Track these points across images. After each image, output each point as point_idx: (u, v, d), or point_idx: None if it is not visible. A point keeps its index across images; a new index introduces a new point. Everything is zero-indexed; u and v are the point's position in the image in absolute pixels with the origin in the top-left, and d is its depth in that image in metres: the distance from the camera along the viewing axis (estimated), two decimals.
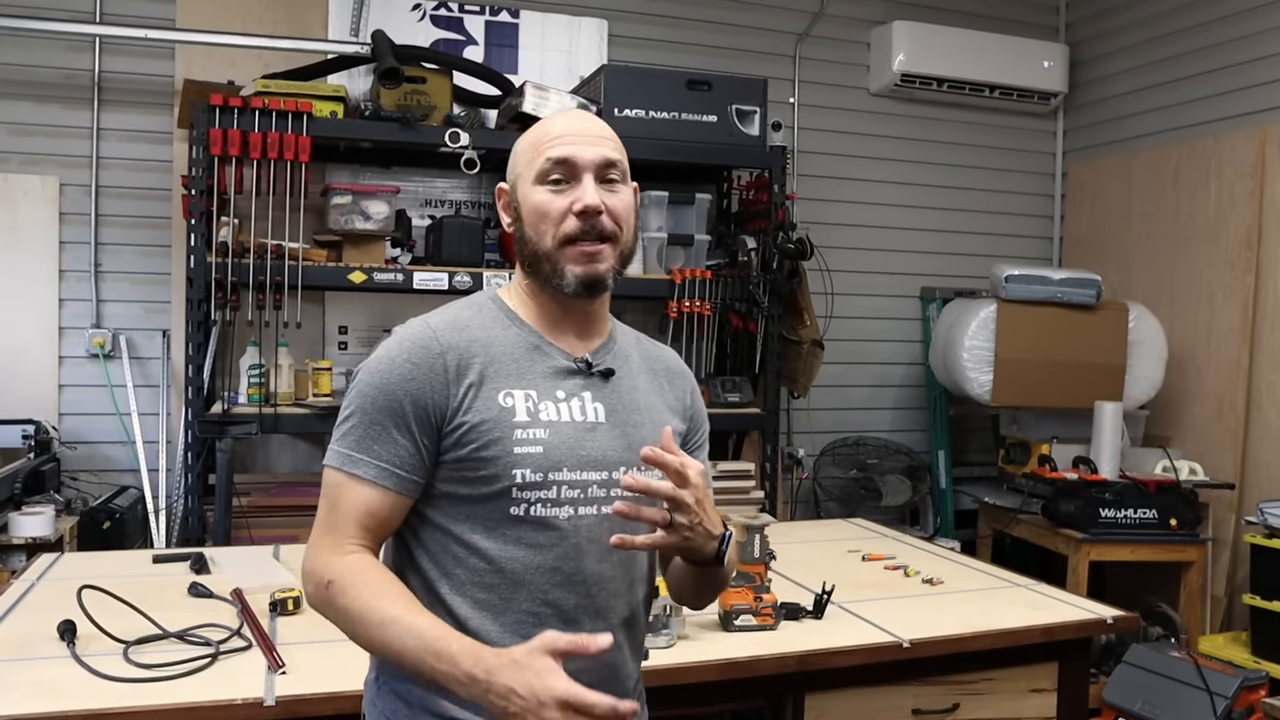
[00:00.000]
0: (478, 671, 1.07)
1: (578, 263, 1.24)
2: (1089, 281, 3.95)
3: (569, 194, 1.24)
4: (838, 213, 4.45)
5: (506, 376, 1.24)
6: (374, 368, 1.23)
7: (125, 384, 3.54)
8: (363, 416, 1.21)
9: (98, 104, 3.56)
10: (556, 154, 1.24)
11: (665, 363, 1.42)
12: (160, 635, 1.83)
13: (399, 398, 1.20)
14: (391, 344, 1.24)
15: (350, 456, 1.21)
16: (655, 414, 1.34)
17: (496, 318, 1.28)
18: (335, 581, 1.17)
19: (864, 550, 2.74)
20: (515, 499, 1.21)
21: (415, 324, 1.26)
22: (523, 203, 1.27)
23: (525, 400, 1.23)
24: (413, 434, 1.20)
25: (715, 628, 2.03)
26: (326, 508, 1.22)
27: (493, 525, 1.21)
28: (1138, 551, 3.53)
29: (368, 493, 1.20)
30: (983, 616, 2.16)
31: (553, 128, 1.27)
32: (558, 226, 1.24)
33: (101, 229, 3.58)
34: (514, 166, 1.30)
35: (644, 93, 3.48)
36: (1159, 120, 4.34)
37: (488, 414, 1.21)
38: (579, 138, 1.26)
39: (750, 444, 3.81)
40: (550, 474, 1.22)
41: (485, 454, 1.20)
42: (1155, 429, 4.16)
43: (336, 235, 3.29)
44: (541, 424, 1.22)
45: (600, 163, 1.25)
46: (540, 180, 1.25)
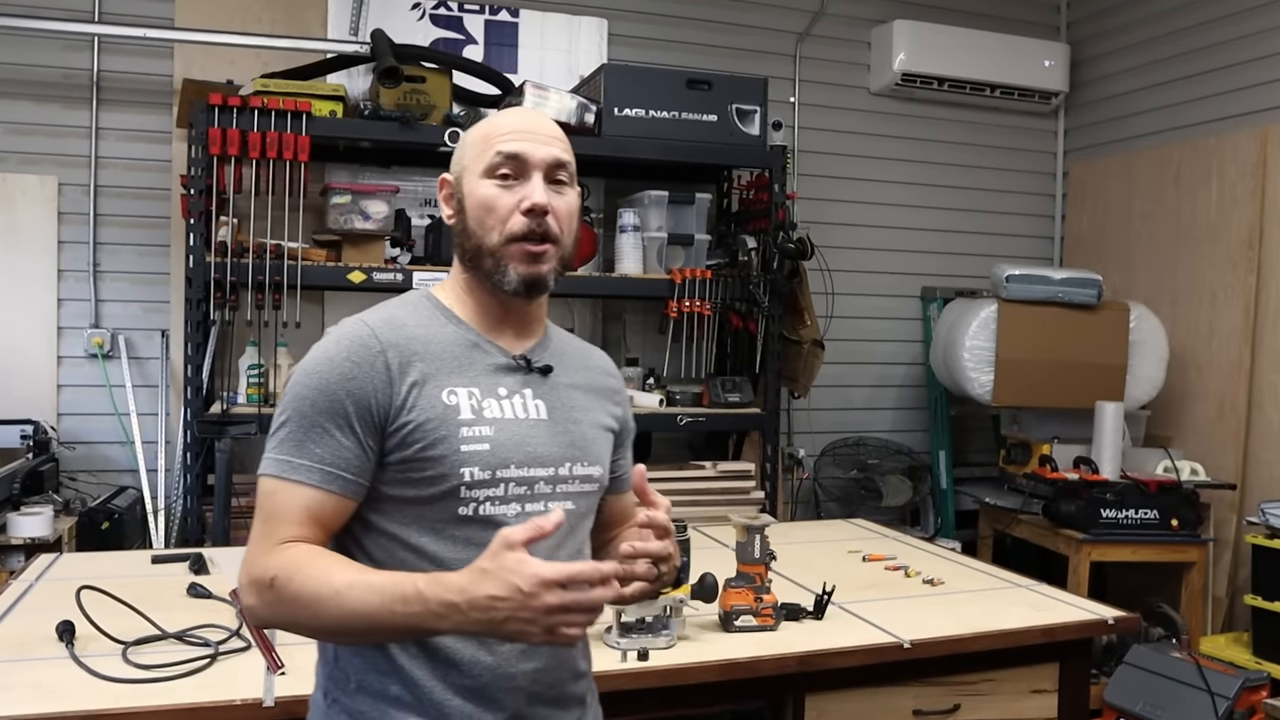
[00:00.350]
0: (450, 597, 1.04)
1: (522, 262, 1.23)
2: (1090, 281, 3.95)
3: (517, 191, 1.23)
4: (838, 212, 4.45)
5: (448, 374, 1.21)
6: (310, 369, 1.18)
7: (124, 384, 3.54)
8: (301, 420, 1.16)
9: (96, 103, 3.56)
10: (508, 148, 1.23)
11: (597, 363, 1.41)
12: (159, 636, 1.83)
13: (339, 398, 1.16)
14: (327, 344, 1.20)
15: (289, 463, 1.16)
16: (591, 413, 1.34)
17: (433, 315, 1.26)
18: (277, 575, 1.11)
19: (864, 551, 2.74)
20: (463, 498, 1.18)
21: (350, 323, 1.22)
22: (468, 195, 1.25)
23: (469, 398, 1.21)
24: (356, 434, 1.16)
25: (715, 628, 2.03)
26: (262, 519, 1.17)
27: (440, 527, 1.19)
28: (1139, 552, 3.53)
29: (309, 496, 1.15)
30: (984, 617, 2.16)
31: (504, 123, 1.26)
32: (504, 223, 1.22)
33: (100, 229, 3.58)
34: (460, 158, 1.28)
35: (644, 92, 3.48)
36: (1160, 119, 4.34)
37: (432, 412, 1.18)
38: (531, 135, 1.24)
39: (750, 444, 3.81)
40: (498, 471, 1.20)
41: (431, 453, 1.17)
42: (1156, 429, 4.16)
43: (336, 235, 3.29)
44: (486, 421, 1.21)
45: (551, 162, 1.24)
46: (489, 174, 1.23)
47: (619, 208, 3.67)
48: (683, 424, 3.53)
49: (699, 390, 3.67)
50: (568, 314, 3.99)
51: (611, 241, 3.69)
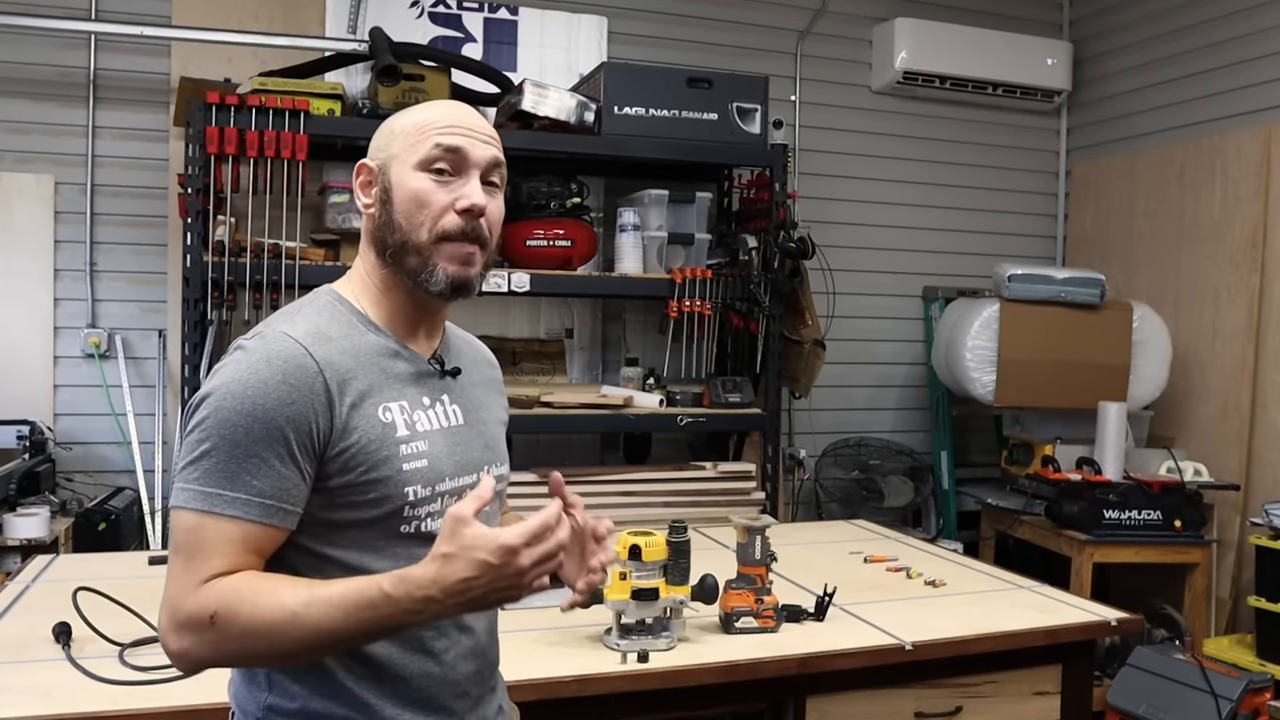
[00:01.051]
0: (423, 591, 1.01)
1: (452, 262, 1.18)
2: (1093, 281, 3.95)
3: (453, 188, 1.18)
4: (839, 211, 4.45)
5: (379, 390, 1.17)
6: (239, 392, 1.08)
7: (121, 384, 3.54)
8: (232, 449, 1.07)
9: (93, 102, 3.56)
10: (448, 141, 1.17)
11: (484, 356, 1.42)
12: (156, 638, 1.81)
13: (279, 424, 1.07)
14: (254, 363, 1.10)
15: (219, 496, 1.06)
16: (493, 410, 1.36)
17: (351, 323, 1.20)
18: (218, 611, 1.04)
19: (866, 552, 2.74)
20: (406, 517, 1.15)
21: (275, 339, 1.12)
22: (396, 186, 1.18)
23: (401, 413, 1.17)
24: (296, 463, 1.09)
25: (716, 630, 2.03)
26: (184, 557, 1.07)
27: (382, 546, 1.15)
28: (1142, 553, 3.53)
29: (243, 531, 1.07)
30: (986, 619, 2.16)
31: (439, 115, 1.20)
32: (436, 220, 1.17)
33: (97, 228, 3.58)
34: (387, 145, 1.21)
35: (644, 90, 3.48)
36: (1163, 118, 4.34)
37: (372, 434, 1.14)
38: (470, 131, 1.19)
39: (751, 445, 3.81)
40: (436, 485, 1.18)
41: (374, 475, 1.13)
42: (1160, 430, 4.16)
43: (334, 234, 3.29)
44: (420, 435, 1.18)
45: (489, 161, 1.20)
46: (424, 166, 1.18)
47: (619, 207, 3.67)
48: (683, 424, 3.53)
49: (699, 390, 3.67)
50: (567, 313, 3.99)
51: (611, 241, 3.69)
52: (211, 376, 1.12)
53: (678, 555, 1.95)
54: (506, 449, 1.36)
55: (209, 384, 1.11)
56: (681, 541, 1.96)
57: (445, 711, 1.20)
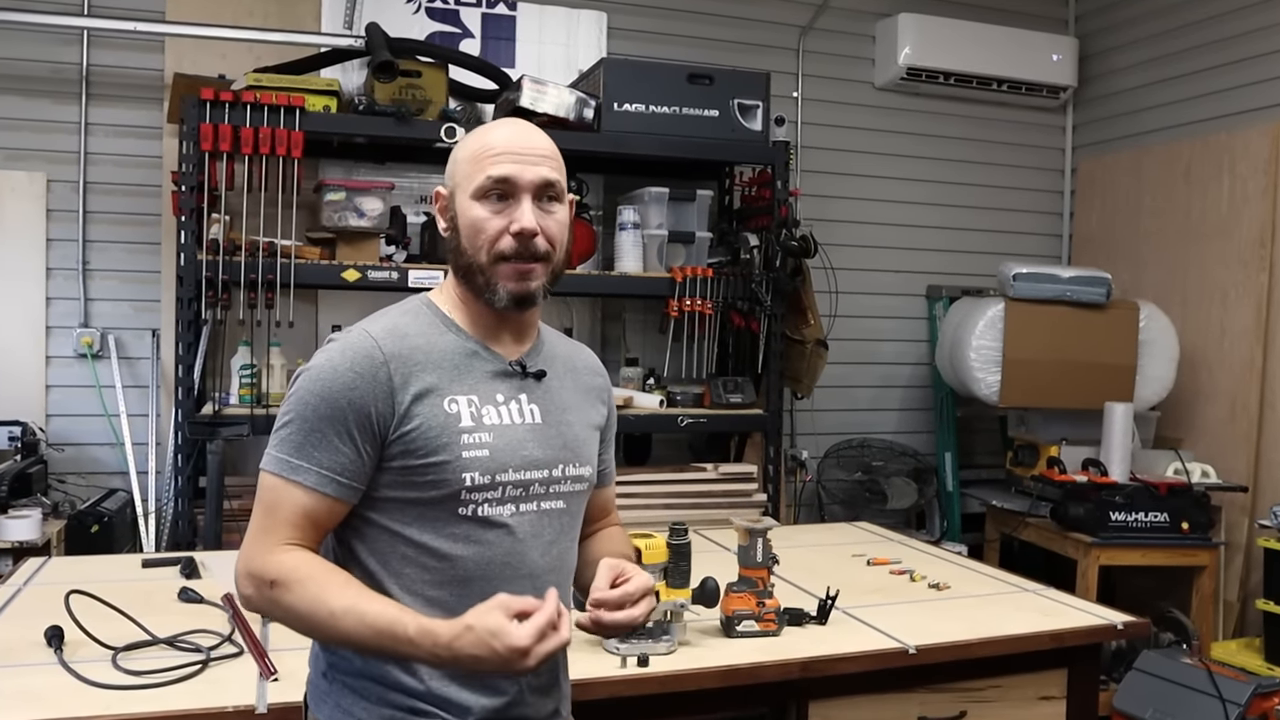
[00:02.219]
0: (439, 650, 1.15)
1: (510, 279, 1.31)
2: (1099, 280, 3.95)
3: (506, 213, 1.30)
4: (842, 209, 4.45)
5: (449, 383, 1.30)
6: (315, 375, 1.26)
7: (114, 384, 3.54)
8: (303, 423, 1.25)
9: (86, 98, 3.56)
10: (497, 173, 1.30)
11: (585, 362, 1.51)
12: (149, 641, 1.83)
13: (341, 406, 1.24)
14: (333, 351, 1.28)
15: (290, 462, 1.25)
16: (582, 412, 1.44)
17: (433, 324, 1.34)
18: (279, 580, 1.21)
19: (869, 554, 2.74)
20: (464, 500, 1.28)
21: (356, 332, 1.30)
22: (460, 214, 1.33)
23: (468, 405, 1.30)
24: (355, 442, 1.25)
25: (717, 633, 2.03)
26: (263, 512, 1.26)
27: (440, 525, 1.28)
28: (1149, 556, 3.53)
29: (307, 498, 1.25)
30: (990, 622, 2.16)
31: (494, 141, 1.32)
32: (493, 244, 1.30)
33: (90, 226, 3.58)
34: (453, 175, 1.36)
35: (644, 87, 3.48)
36: (1170, 115, 4.34)
37: (434, 421, 1.27)
38: (520, 156, 1.31)
39: (752, 446, 3.81)
40: (497, 475, 1.29)
41: (434, 459, 1.26)
42: (1167, 430, 4.16)
43: (330, 232, 3.29)
44: (485, 428, 1.30)
45: (539, 184, 1.31)
46: (479, 196, 1.31)
47: (618, 205, 3.67)
48: (683, 425, 3.53)
49: (700, 391, 3.67)
50: (566, 313, 3.99)
51: (611, 239, 3.69)
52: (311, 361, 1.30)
53: (678, 558, 1.95)
54: (593, 451, 1.45)
55: (304, 367, 1.29)
56: (682, 544, 1.96)
57: (495, 690, 1.30)
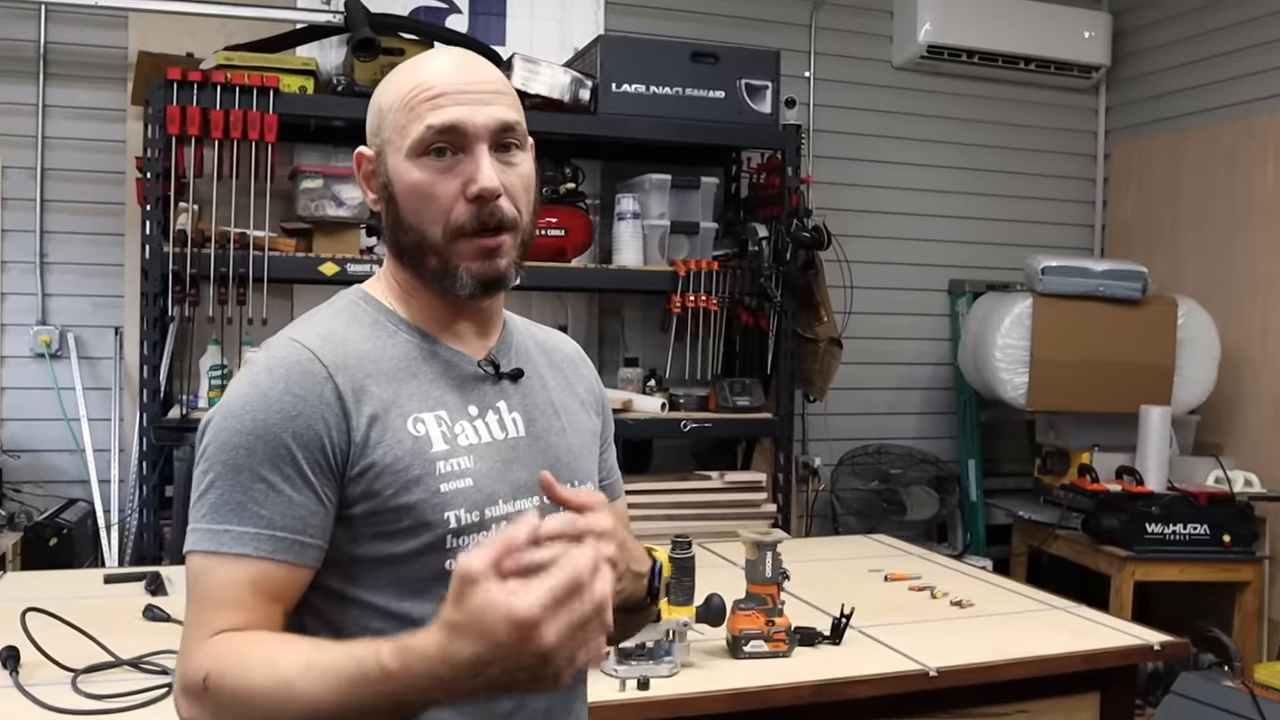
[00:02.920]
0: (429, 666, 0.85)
1: (474, 259, 1.08)
2: (1134, 273, 3.95)
3: (458, 171, 1.07)
4: (857, 198, 4.45)
5: (409, 397, 1.08)
6: (237, 409, 1.02)
7: (74, 386, 3.54)
8: (235, 475, 1.01)
9: (43, 78, 3.56)
10: (440, 120, 1.06)
11: (564, 351, 1.30)
12: (112, 663, 1.83)
13: (282, 440, 1.01)
14: (255, 374, 1.05)
15: (225, 532, 1.00)
16: (572, 415, 1.23)
17: (376, 323, 1.13)
18: (210, 674, 0.96)
19: (886, 569, 2.74)
20: (449, 549, 1.05)
21: (279, 344, 1.08)
22: (395, 179, 1.09)
23: (438, 424, 1.08)
24: (310, 483, 1.01)
25: (723, 654, 2.03)
26: (193, 609, 1.01)
27: (423, 587, 1.04)
28: (1187, 570, 3.53)
29: (254, 570, 1.00)
30: (1017, 642, 2.16)
31: (429, 77, 1.08)
32: (447, 214, 1.07)
33: (47, 216, 3.58)
34: (378, 128, 1.11)
35: (644, 66, 3.48)
36: (1211, 96, 4.34)
37: (400, 449, 1.05)
38: (466, 94, 1.07)
39: (761, 452, 3.81)
40: (486, 510, 1.08)
41: (406, 500, 1.04)
42: (1207, 436, 4.16)
43: (306, 223, 3.29)
44: (462, 450, 1.08)
45: (496, 127, 1.08)
46: (418, 152, 1.07)
47: (617, 193, 3.67)
48: (687, 430, 3.53)
49: (705, 393, 3.67)
50: (561, 309, 3.99)
51: (608, 230, 3.69)
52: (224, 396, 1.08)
53: (681, 573, 1.95)
54: (593, 463, 1.25)
55: (216, 406, 1.07)
56: (685, 558, 1.96)
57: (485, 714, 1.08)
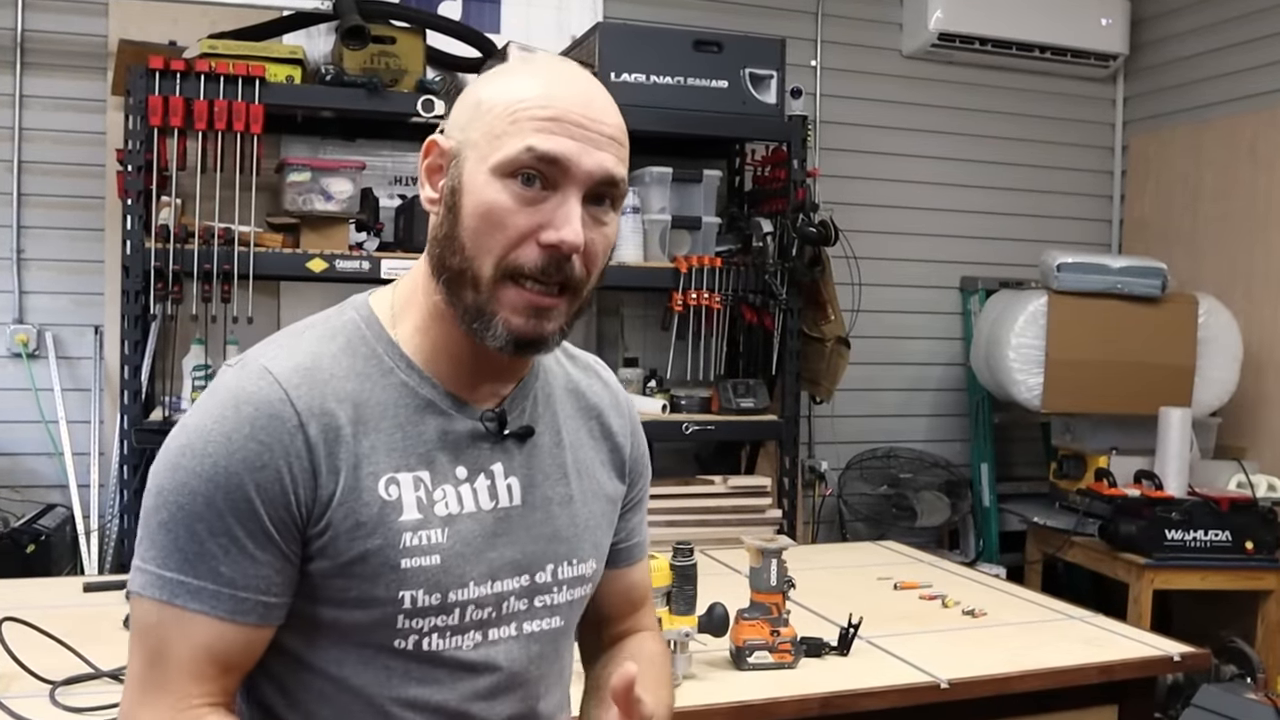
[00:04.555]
0: None
1: (518, 313, 0.99)
2: (1153, 270, 3.95)
3: (541, 208, 0.98)
4: (866, 192, 4.45)
5: (388, 453, 1.01)
6: (199, 447, 0.97)
7: (52, 388, 3.53)
8: (192, 523, 0.95)
9: (20, 68, 3.56)
10: (547, 147, 0.96)
11: (600, 396, 1.20)
12: (92, 674, 1.83)
13: (246, 494, 0.95)
14: (220, 408, 0.98)
15: (181, 584, 0.96)
16: (587, 478, 1.14)
17: (373, 359, 1.03)
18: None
19: (896, 577, 2.74)
20: (400, 629, 1.01)
21: (253, 372, 0.99)
22: (467, 189, 0.99)
23: (415, 488, 1.01)
24: (275, 542, 0.97)
25: (726, 666, 2.02)
26: (146, 660, 0.97)
27: (369, 657, 1.02)
28: (1209, 579, 3.53)
29: (213, 631, 0.96)
30: (1032, 653, 2.16)
31: (548, 94, 0.99)
32: (509, 250, 0.98)
33: (25, 210, 3.58)
34: (466, 124, 1.02)
35: (644, 55, 3.48)
36: (1232, 86, 4.33)
37: (364, 513, 0.99)
38: (581, 129, 0.98)
39: (766, 456, 3.81)
40: (451, 593, 1.02)
41: (359, 570, 0.98)
42: (1229, 439, 4.16)
43: (293, 217, 3.29)
44: (438, 521, 1.01)
45: (601, 177, 0.99)
46: (505, 172, 0.97)
47: None
48: (689, 433, 3.53)
49: (707, 395, 3.66)
50: None
51: None
52: (183, 417, 1.03)
53: (683, 581, 1.95)
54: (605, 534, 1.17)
55: (173, 430, 1.01)
56: (687, 566, 1.96)
57: None
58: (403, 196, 3.69)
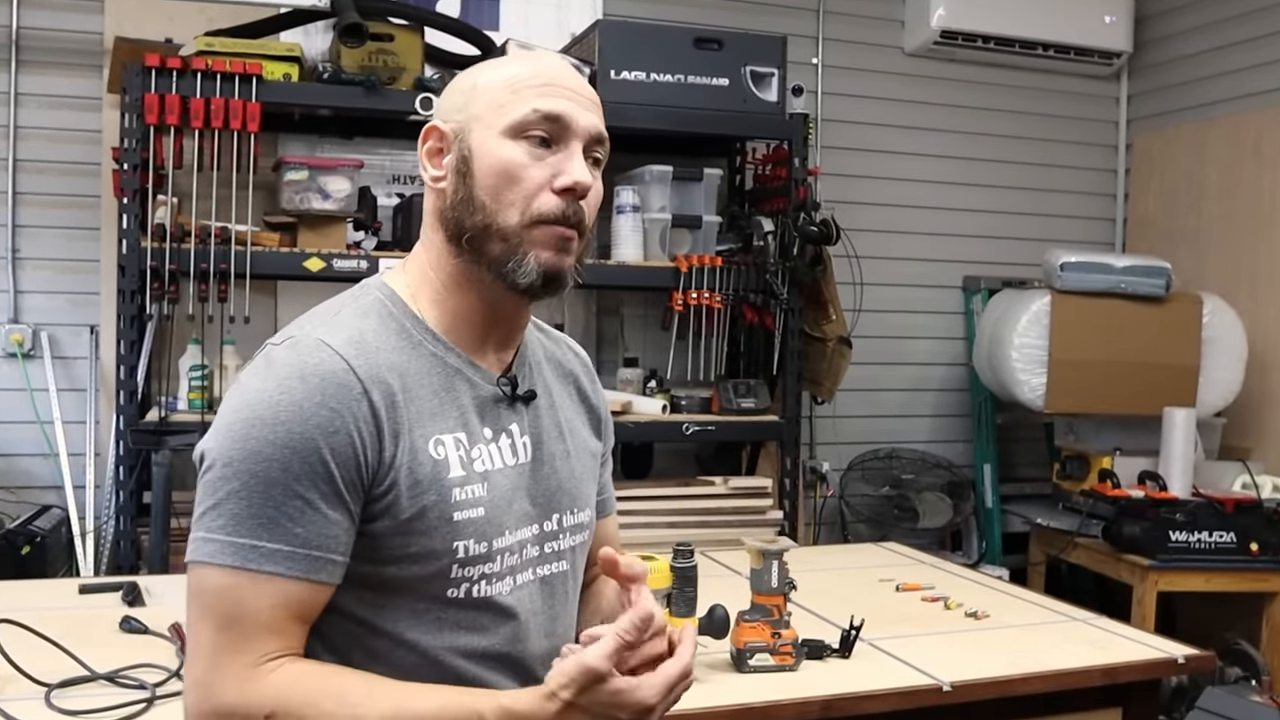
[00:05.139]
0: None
1: (549, 248, 1.10)
2: (1157, 270, 3.95)
3: (550, 162, 1.11)
4: (867, 191, 4.45)
5: (431, 417, 1.10)
6: (269, 416, 1.02)
7: (48, 388, 3.53)
8: (267, 488, 1.01)
9: (15, 65, 3.56)
10: (549, 106, 1.10)
11: (572, 362, 1.33)
12: (88, 677, 1.83)
13: (321, 457, 1.02)
14: (286, 380, 1.04)
15: (255, 548, 1.01)
16: (577, 436, 1.27)
17: (403, 333, 1.13)
18: (277, 711, 1.00)
19: (898, 579, 2.75)
20: (453, 578, 1.09)
21: (310, 348, 1.06)
22: (479, 155, 1.11)
23: (456, 448, 1.11)
24: (344, 503, 1.04)
25: (726, 668, 2.03)
26: (219, 625, 1.02)
27: (421, 609, 1.09)
28: (1213, 580, 3.53)
29: (288, 591, 1.02)
30: (1035, 655, 2.16)
31: (537, 69, 1.13)
32: (531, 200, 1.10)
33: (20, 209, 3.58)
34: (467, 105, 1.13)
35: (645, 52, 3.48)
36: (1237, 84, 4.33)
37: (420, 471, 1.07)
38: (573, 92, 1.13)
39: (767, 457, 3.81)
40: (494, 541, 1.12)
41: (420, 524, 1.07)
42: (1233, 439, 4.17)
43: (290, 216, 3.29)
44: (477, 477, 1.11)
45: (594, 134, 1.13)
46: (516, 133, 1.10)
47: (616, 185, 3.67)
48: (689, 433, 3.53)
49: (707, 395, 3.67)
50: (557, 307, 3.98)
51: (607, 224, 3.68)
52: (231, 395, 1.08)
53: (683, 583, 1.95)
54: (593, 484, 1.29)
55: (229, 405, 1.06)
56: (687, 567, 1.96)
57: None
58: (401, 195, 3.69)
